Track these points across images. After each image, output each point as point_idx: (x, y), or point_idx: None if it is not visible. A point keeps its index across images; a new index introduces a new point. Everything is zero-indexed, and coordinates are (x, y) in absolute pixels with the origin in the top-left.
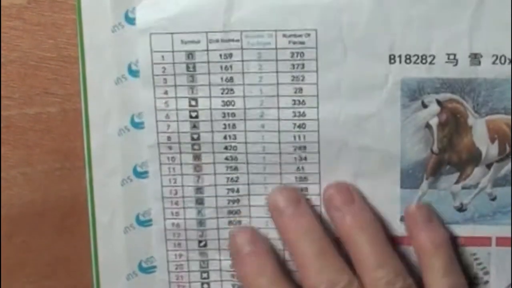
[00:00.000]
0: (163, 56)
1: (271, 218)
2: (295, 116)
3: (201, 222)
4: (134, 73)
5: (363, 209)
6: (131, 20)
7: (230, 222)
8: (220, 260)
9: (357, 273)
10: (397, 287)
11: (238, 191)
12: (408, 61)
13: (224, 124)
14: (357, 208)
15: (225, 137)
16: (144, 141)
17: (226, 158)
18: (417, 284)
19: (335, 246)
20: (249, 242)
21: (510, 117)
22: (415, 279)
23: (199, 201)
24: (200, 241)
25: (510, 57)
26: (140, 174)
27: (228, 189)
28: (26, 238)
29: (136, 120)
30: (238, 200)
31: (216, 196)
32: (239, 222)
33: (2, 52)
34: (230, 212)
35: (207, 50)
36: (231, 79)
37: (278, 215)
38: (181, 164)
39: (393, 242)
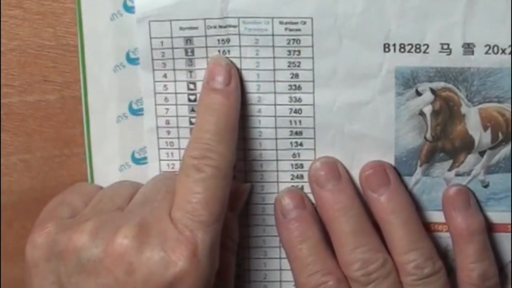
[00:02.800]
0: (162, 42)
1: (311, 191)
2: (291, 101)
3: None
4: (132, 60)
5: (398, 191)
6: (129, 9)
7: None
8: None
9: (390, 254)
10: (426, 271)
11: (234, 178)
12: (402, 50)
13: None
14: (393, 190)
15: None
16: (142, 126)
17: None
18: (448, 268)
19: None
20: (295, 207)
21: (502, 105)
22: (446, 263)
23: None
24: None
25: (502, 47)
26: (138, 161)
27: None
28: (26, 224)
29: (134, 107)
30: None
31: None
32: None
33: (2, 40)
34: None
35: (205, 36)
36: None
37: (318, 189)
38: (179, 149)
39: None
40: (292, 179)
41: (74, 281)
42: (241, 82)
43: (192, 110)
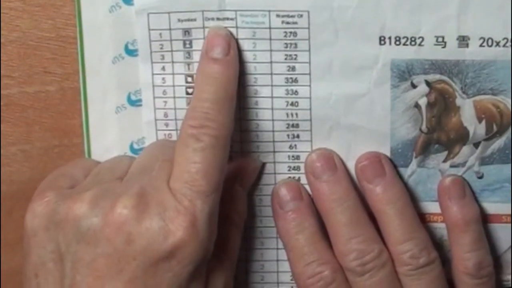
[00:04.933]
0: (160, 34)
1: (307, 182)
2: (288, 94)
3: None
4: (131, 52)
5: (393, 182)
6: (128, 1)
7: None
8: None
9: (386, 244)
10: (422, 261)
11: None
12: (397, 42)
13: None
14: (388, 181)
15: None
16: (141, 118)
17: None
18: (443, 259)
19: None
20: (292, 198)
21: (497, 97)
22: (442, 254)
23: None
24: None
25: (497, 40)
26: (137, 151)
27: None
28: (26, 213)
29: (133, 98)
30: None
31: None
32: None
33: (2, 32)
34: None
35: (203, 27)
36: None
37: (314, 180)
38: None
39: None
40: (289, 170)
41: (73, 250)
42: (239, 75)
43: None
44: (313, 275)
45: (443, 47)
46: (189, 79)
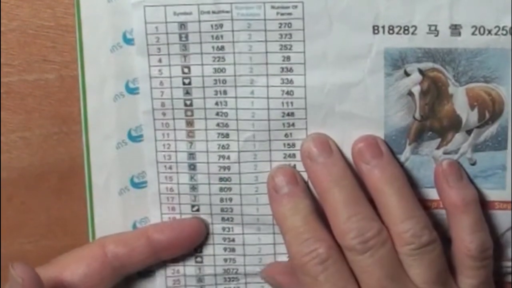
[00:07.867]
0: (156, 27)
1: (304, 166)
2: (283, 83)
3: (193, 187)
4: (129, 41)
5: (391, 163)
6: None
7: (221, 189)
8: (212, 224)
9: (385, 225)
10: (424, 239)
11: (229, 158)
12: (391, 31)
13: (216, 91)
14: (385, 162)
15: (216, 103)
16: (138, 106)
17: (218, 125)
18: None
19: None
20: (287, 183)
21: (489, 85)
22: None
23: (192, 167)
24: (193, 206)
25: (488, 28)
26: (135, 138)
27: (220, 155)
28: (25, 199)
29: (131, 86)
30: (229, 168)
31: (208, 162)
32: (230, 189)
33: (2, 21)
34: (221, 179)
35: (199, 21)
36: (222, 47)
37: (310, 163)
38: (174, 129)
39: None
40: (284, 158)
41: None
42: (234, 64)
43: (187, 93)
44: (309, 252)
45: (435, 36)
46: (185, 70)
